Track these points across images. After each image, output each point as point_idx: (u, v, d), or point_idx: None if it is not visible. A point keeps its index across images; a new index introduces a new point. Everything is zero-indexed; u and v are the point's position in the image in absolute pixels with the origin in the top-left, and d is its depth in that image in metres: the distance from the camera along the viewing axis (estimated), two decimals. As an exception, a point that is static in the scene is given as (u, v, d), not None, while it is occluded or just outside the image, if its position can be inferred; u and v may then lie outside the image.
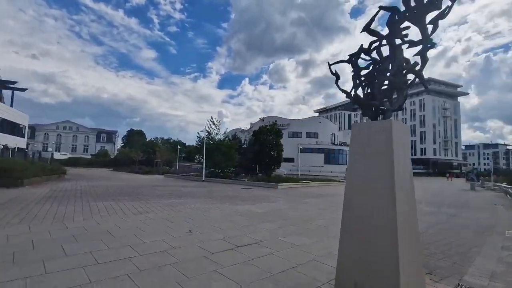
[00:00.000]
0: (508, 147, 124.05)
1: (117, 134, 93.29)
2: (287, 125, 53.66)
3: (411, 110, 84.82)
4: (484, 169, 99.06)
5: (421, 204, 11.06)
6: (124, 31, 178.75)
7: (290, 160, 53.89)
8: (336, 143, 57.02)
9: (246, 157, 23.56)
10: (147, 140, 75.17)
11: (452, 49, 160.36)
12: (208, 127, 23.38)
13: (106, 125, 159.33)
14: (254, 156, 21.84)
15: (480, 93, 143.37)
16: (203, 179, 21.01)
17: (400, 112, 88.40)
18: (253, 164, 23.71)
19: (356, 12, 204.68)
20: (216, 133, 23.62)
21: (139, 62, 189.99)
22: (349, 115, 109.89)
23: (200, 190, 13.84)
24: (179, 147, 48.14)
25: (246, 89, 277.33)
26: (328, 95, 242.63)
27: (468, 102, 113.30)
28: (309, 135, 54.15)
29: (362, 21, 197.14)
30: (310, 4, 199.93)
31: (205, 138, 21.50)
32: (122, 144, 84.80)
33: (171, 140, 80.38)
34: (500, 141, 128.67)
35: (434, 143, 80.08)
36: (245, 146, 27.08)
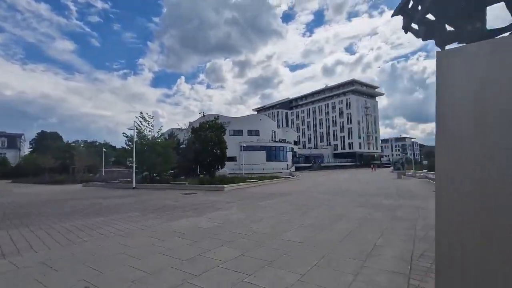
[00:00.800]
0: (412, 140, 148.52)
1: (23, 138, 76.44)
2: (228, 123, 51.50)
3: (339, 108, 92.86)
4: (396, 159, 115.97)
5: (380, 197, 10.70)
6: (31, 17, 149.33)
7: (233, 159, 52.25)
8: (276, 140, 57.88)
9: (186, 157, 20.81)
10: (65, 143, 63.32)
11: (367, 56, 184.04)
12: (139, 124, 19.82)
13: (12, 127, 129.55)
14: (194, 155, 19.31)
15: (389, 95, 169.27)
16: (134, 186, 17.53)
17: (330, 110, 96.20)
18: (194, 165, 21.13)
19: (287, 17, 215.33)
20: (149, 130, 20.20)
21: (52, 54, 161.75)
22: (286, 113, 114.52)
23: (127, 202, 10.85)
24: (104, 150, 41.37)
25: (182, 88, 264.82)
26: (264, 95, 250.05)
27: (380, 102, 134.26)
28: (250, 133, 53.47)
29: (293, 26, 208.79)
30: (243, 5, 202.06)
31: (135, 137, 17.96)
32: (31, 149, 69.98)
33: (97, 143, 69.61)
34: (404, 135, 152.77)
35: (359, 138, 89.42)
36: (184, 146, 24.16)
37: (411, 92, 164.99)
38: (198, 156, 18.99)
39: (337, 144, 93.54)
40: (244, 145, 51.97)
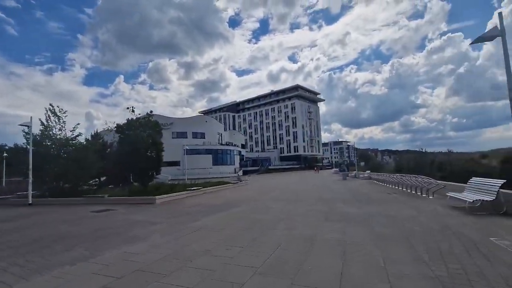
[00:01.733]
0: (348, 143, 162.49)
1: None
2: (170, 125, 47.41)
3: (285, 112, 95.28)
4: (335, 161, 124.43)
5: (339, 203, 9.26)
6: None
7: (175, 163, 47.85)
8: (223, 143, 55.40)
9: (118, 162, 16.80)
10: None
11: (308, 65, 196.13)
12: (46, 120, 15.30)
13: None
14: (121, 160, 15.65)
15: (326, 103, 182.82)
16: (30, 201, 13.07)
17: (276, 114, 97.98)
18: (127, 172, 17.32)
19: (233, 22, 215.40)
20: (60, 128, 15.73)
21: None
22: (233, 117, 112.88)
23: (-8, 230, 7.17)
24: (5, 154, 32.91)
25: (121, 88, 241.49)
26: (212, 99, 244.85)
27: (320, 109, 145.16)
28: (195, 135, 49.87)
29: (240, 32, 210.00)
30: (188, 6, 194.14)
31: (31, 135, 13.49)
32: None
33: (6, 147, 56.30)
34: (341, 139, 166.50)
35: (304, 141, 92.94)
36: (114, 148, 19.85)
37: (345, 101, 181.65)
38: (128, 160, 15.40)
39: (283, 147, 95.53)
40: (188, 148, 48.08)
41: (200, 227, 6.36)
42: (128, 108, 16.65)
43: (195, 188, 15.50)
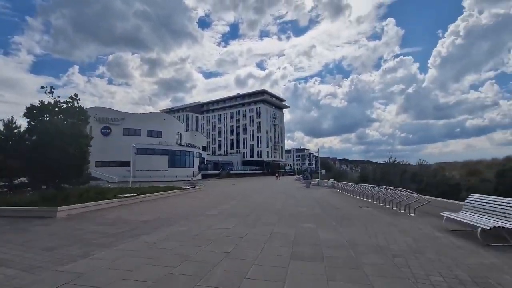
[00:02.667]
0: (310, 151, 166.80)
1: None
2: (121, 120, 42.20)
3: (250, 116, 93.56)
4: (297, 168, 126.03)
5: (310, 222, 6.98)
6: None
7: (125, 164, 42.58)
8: (182, 144, 51.25)
9: (30, 158, 12.64)
10: None
11: (275, 74, 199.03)
12: None
13: None
14: (30, 154, 11.78)
15: (291, 111, 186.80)
16: None
17: (241, 117, 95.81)
18: (33, 171, 13.26)
19: (203, 23, 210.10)
20: None
21: None
22: (197, 118, 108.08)
23: None
24: None
25: (75, 79, 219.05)
26: (176, 98, 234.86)
27: (285, 116, 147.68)
28: (150, 133, 45.11)
29: (209, 34, 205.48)
30: (155, 1, 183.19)
31: None
32: None
33: None
34: (303, 147, 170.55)
35: (267, 146, 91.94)
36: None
37: (309, 111, 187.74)
38: (38, 156, 11.57)
39: (246, 152, 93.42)
40: (141, 147, 43.20)
41: (84, 277, 3.48)
42: (43, 87, 12.71)
43: (127, 195, 12.16)
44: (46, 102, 12.32)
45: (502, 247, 4.79)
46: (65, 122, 12.33)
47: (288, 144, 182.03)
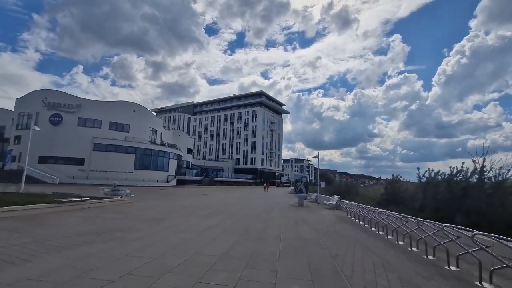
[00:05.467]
0: (309, 162, 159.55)
1: None
2: (77, 107, 34.30)
3: (245, 119, 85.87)
4: (294, 179, 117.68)
5: None
6: None
7: (78, 161, 34.46)
8: (157, 143, 43.21)
9: None
10: None
11: (279, 83, 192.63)
12: None
13: None
14: None
15: (293, 122, 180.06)
16: None
17: (235, 120, 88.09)
18: None
19: (210, 30, 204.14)
20: None
21: None
22: (189, 119, 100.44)
23: None
24: None
25: (79, 79, 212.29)
26: (179, 103, 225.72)
27: (286, 127, 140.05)
28: (114, 126, 37.12)
29: (216, 41, 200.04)
30: (164, 4, 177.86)
31: None
32: None
33: None
34: (302, 158, 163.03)
35: (262, 153, 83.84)
36: None
37: (311, 122, 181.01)
38: None
39: (239, 158, 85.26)
40: (100, 142, 35.19)
41: None
42: None
43: None
44: None
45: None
46: None
47: (289, 154, 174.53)
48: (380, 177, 19.58)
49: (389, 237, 7.20)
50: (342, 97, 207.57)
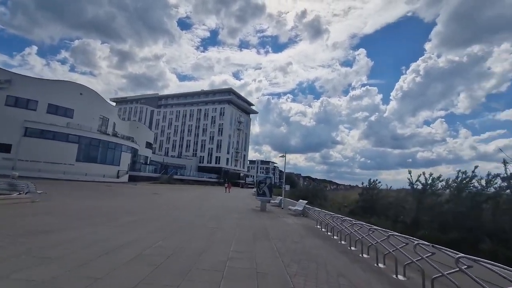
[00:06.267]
0: (275, 164, 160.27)
1: None
2: (7, 83, 28.43)
3: (212, 116, 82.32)
4: (258, 180, 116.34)
5: None
6: None
7: (3, 148, 28.57)
8: (108, 133, 38.15)
9: None
10: None
11: (250, 85, 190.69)
12: None
13: None
14: None
15: (261, 124, 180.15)
16: None
17: (202, 116, 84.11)
18: None
19: (183, 24, 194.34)
20: None
21: None
22: (152, 112, 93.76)
23: None
24: None
25: (31, 61, 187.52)
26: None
27: (254, 129, 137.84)
28: (55, 110, 31.66)
29: (189, 36, 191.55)
30: None
31: None
32: None
33: None
34: (268, 160, 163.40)
35: (228, 152, 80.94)
36: None
37: (278, 126, 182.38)
38: None
39: (203, 156, 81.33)
40: (34, 127, 29.60)
41: None
42: None
43: None
44: None
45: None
46: None
47: (255, 156, 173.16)
48: (338, 182, 18.93)
49: (380, 264, 5.13)
50: (310, 103, 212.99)
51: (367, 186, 10.70)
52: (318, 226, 10.07)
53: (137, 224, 7.41)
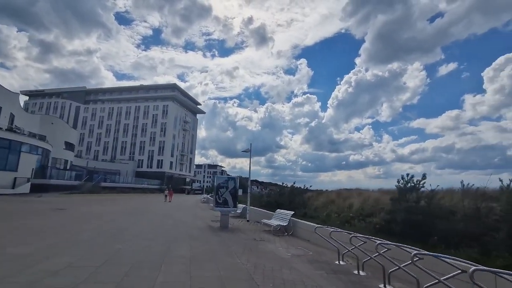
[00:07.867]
0: (222, 169, 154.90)
1: None
2: None
3: (153, 115, 72.88)
4: (207, 185, 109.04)
5: None
6: None
7: None
8: (1, 127, 27.75)
9: None
10: None
11: (196, 88, 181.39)
12: None
13: None
14: None
15: (207, 128, 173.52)
16: None
17: (141, 115, 73.88)
18: None
19: (121, 19, 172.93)
20: None
21: None
22: (78, 108, 78.77)
23: None
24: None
25: None
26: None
27: (200, 133, 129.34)
28: None
29: (128, 33, 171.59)
30: None
31: None
32: None
33: None
34: (215, 164, 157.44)
35: (172, 155, 72.50)
36: None
37: (225, 130, 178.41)
38: None
39: (143, 160, 71.13)
40: None
41: None
42: None
43: None
44: None
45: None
46: None
47: (202, 161, 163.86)
48: (282, 183, 17.52)
49: None
50: (255, 109, 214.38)
51: (404, 185, 6.61)
52: (342, 262, 5.54)
53: None
